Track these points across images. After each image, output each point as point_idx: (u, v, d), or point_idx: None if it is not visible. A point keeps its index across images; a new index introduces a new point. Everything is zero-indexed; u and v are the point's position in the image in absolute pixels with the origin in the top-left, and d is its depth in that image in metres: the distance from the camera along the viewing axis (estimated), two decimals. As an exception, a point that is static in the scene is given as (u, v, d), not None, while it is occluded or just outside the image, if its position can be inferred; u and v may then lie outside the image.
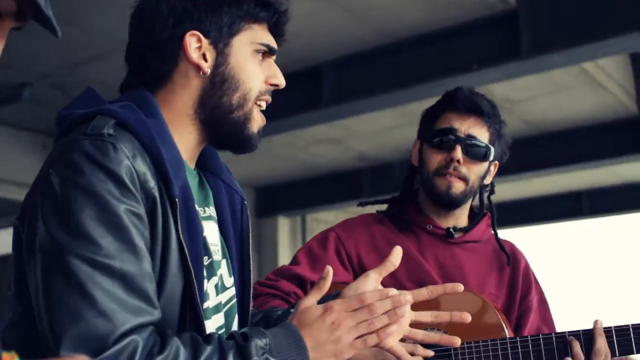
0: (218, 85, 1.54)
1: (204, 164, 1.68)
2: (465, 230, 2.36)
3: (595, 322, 2.02)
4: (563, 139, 8.05)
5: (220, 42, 1.54)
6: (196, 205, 1.49)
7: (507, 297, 2.30)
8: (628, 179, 10.32)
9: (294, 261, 2.32)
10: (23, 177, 6.67)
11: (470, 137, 2.27)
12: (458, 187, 2.26)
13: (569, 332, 2.04)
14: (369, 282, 1.52)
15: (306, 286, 2.22)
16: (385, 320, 1.43)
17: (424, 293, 1.59)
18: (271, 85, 1.62)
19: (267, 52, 1.61)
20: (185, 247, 1.40)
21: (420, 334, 1.64)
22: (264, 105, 1.62)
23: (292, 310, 1.63)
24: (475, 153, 2.28)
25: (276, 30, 1.64)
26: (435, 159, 2.29)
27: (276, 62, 1.65)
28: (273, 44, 1.62)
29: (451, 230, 2.32)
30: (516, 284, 2.31)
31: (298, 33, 5.59)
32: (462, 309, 1.68)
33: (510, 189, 10.57)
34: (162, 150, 1.40)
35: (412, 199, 2.42)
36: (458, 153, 2.25)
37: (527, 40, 5.25)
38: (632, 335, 2.01)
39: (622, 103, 7.33)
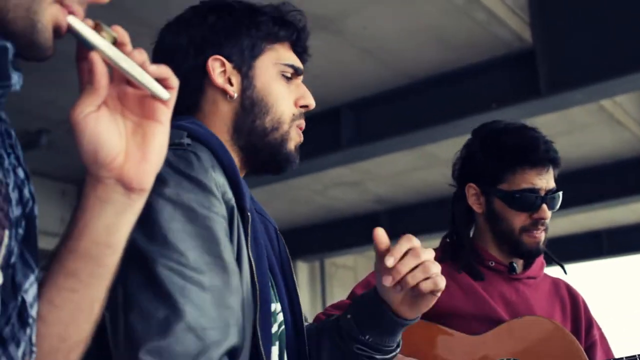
0: (249, 109, 1.51)
1: None
2: (524, 266, 2.30)
3: None
4: (582, 177, 8.00)
5: (244, 65, 1.52)
6: None
7: (573, 332, 2.22)
8: (648, 217, 10.26)
9: (351, 295, 2.25)
10: (42, 224, 6.67)
11: (550, 191, 2.21)
12: (543, 238, 2.23)
13: None
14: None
15: None
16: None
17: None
18: (301, 107, 1.58)
19: (294, 73, 1.57)
20: (252, 262, 1.36)
21: None
22: (301, 128, 1.59)
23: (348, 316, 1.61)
24: (555, 205, 2.24)
25: (299, 48, 1.61)
26: (520, 219, 2.21)
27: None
28: (298, 63, 1.59)
29: (514, 265, 2.26)
30: (579, 318, 2.28)
31: (317, 74, 5.63)
32: (537, 335, 1.63)
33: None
34: (233, 162, 1.39)
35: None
36: (547, 213, 2.20)
37: (546, 78, 5.24)
38: None
39: (640, 140, 7.32)
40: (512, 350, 1.64)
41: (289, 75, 1.56)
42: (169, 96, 0.95)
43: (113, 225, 0.95)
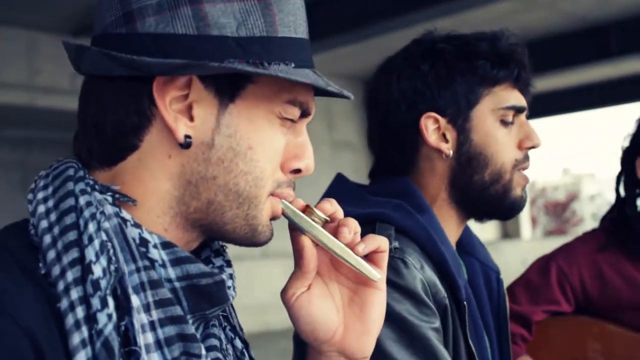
0: (465, 164, 1.42)
1: (457, 242, 1.55)
2: None
3: None
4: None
5: (459, 118, 1.41)
6: None
7: None
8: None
9: (511, 296, 2.05)
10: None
11: None
12: None
13: None
14: None
15: (531, 325, 2.08)
16: None
17: None
18: (526, 149, 1.45)
19: (516, 113, 1.44)
20: (474, 351, 1.35)
21: None
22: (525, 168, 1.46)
23: None
24: None
25: (521, 85, 1.45)
26: None
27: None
28: (521, 102, 1.44)
29: None
30: None
31: None
32: None
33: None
34: (444, 253, 1.33)
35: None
36: None
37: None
38: None
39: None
40: None
41: (509, 119, 1.43)
42: (380, 277, 0.90)
43: None
